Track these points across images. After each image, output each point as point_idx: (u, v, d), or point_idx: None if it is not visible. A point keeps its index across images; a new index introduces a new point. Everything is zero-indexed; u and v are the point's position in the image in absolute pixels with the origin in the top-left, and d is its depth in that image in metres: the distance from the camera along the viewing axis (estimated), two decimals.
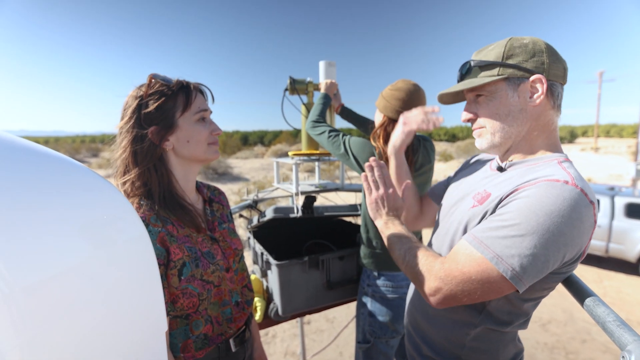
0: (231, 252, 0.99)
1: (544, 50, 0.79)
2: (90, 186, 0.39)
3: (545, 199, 0.67)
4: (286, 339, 3.63)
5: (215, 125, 0.95)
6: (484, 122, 0.86)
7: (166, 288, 0.81)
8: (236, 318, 0.97)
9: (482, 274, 0.70)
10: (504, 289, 0.70)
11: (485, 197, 0.81)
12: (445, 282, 0.74)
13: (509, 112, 0.81)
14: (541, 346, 3.56)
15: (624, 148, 34.14)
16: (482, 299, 0.73)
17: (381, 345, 1.53)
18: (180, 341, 0.86)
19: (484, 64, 0.82)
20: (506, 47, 0.80)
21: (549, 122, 0.82)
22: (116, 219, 0.40)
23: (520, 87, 0.80)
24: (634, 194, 5.57)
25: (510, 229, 0.69)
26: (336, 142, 1.50)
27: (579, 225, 0.67)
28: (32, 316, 0.31)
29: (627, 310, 4.40)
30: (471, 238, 0.74)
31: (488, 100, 0.83)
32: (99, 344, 0.38)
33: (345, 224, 2.19)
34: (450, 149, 25.32)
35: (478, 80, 0.82)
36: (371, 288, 1.53)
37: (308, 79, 1.91)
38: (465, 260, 0.72)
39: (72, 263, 0.36)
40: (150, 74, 0.87)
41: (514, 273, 0.67)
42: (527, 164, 0.81)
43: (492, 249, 0.69)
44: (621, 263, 5.77)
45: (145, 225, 0.80)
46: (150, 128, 0.85)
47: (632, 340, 0.59)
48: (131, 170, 0.86)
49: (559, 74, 0.80)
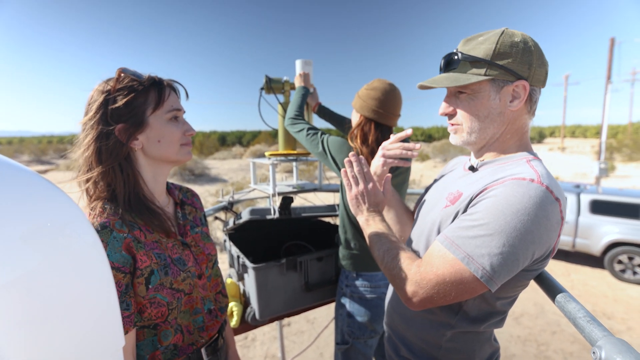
0: (204, 258, 0.95)
1: (533, 52, 0.76)
2: (27, 189, 0.34)
3: (512, 198, 0.68)
4: (266, 342, 3.57)
5: (189, 126, 0.89)
6: (461, 120, 0.84)
7: (133, 297, 0.76)
8: (208, 326, 0.92)
9: (455, 275, 0.70)
10: (476, 289, 0.70)
11: (457, 196, 0.82)
12: (421, 286, 0.73)
13: (488, 114, 0.80)
14: (514, 339, 3.68)
15: (588, 148, 36.06)
16: (457, 300, 0.73)
17: (360, 345, 1.53)
18: (148, 353, 0.81)
19: (473, 59, 0.78)
20: (498, 43, 0.75)
21: (523, 125, 0.83)
22: (62, 227, 0.36)
23: (503, 90, 0.78)
24: (598, 191, 5.86)
25: (479, 228, 0.69)
26: (314, 141, 1.48)
27: (546, 222, 0.67)
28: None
29: (593, 302, 4.63)
30: (443, 238, 0.74)
31: (470, 98, 0.81)
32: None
33: (323, 225, 2.17)
34: (426, 149, 25.86)
35: (464, 79, 0.78)
36: (349, 288, 1.52)
37: (284, 78, 1.88)
38: (439, 263, 0.72)
39: (9, 276, 0.32)
40: (120, 68, 0.81)
41: (484, 272, 0.67)
42: (497, 163, 0.82)
43: (463, 249, 0.69)
44: (587, 257, 6.07)
45: (109, 231, 0.75)
46: (118, 125, 0.79)
47: (602, 335, 0.60)
48: (94, 169, 0.80)
49: (541, 79, 0.79)
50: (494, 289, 0.69)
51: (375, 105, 1.42)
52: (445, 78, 0.81)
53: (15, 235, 0.33)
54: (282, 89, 1.87)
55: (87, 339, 0.37)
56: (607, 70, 13.74)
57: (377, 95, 1.42)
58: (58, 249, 0.36)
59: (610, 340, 0.57)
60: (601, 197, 5.64)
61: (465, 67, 0.80)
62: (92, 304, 0.38)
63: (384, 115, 1.43)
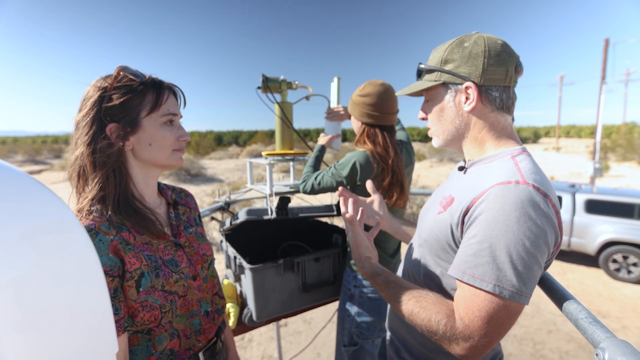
0: (199, 259, 0.93)
1: (482, 54, 0.78)
2: (15, 190, 0.33)
3: (507, 206, 0.67)
4: (263, 342, 3.55)
5: (184, 131, 0.87)
6: (430, 124, 0.90)
7: (123, 302, 0.74)
8: (205, 329, 0.90)
9: (497, 309, 0.67)
10: (518, 310, 0.67)
11: (450, 201, 0.82)
12: (476, 339, 0.69)
13: (447, 116, 0.85)
14: (510, 338, 3.69)
15: (582, 148, 36.37)
16: (508, 329, 0.69)
17: (368, 345, 1.53)
18: (142, 359, 0.79)
19: (428, 68, 0.85)
20: (446, 51, 0.82)
21: (494, 123, 0.82)
22: (52, 229, 0.35)
23: (456, 93, 0.82)
24: (593, 191, 5.90)
25: (489, 250, 0.67)
26: (331, 176, 1.48)
27: (545, 220, 0.67)
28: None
29: (589, 301, 4.66)
30: (461, 274, 0.71)
31: (431, 104, 0.88)
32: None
33: (321, 225, 2.16)
34: (423, 149, 25.94)
35: (419, 85, 0.87)
36: (358, 289, 1.52)
37: (281, 77, 1.86)
38: (477, 304, 0.68)
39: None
40: (119, 66, 0.79)
41: (520, 293, 0.66)
42: (484, 162, 0.83)
43: (489, 278, 0.67)
44: (582, 256, 6.12)
45: (95, 233, 0.73)
46: (110, 125, 0.77)
47: (605, 337, 0.59)
48: (88, 171, 0.77)
49: (498, 78, 0.79)
50: (528, 303, 0.68)
51: (372, 109, 1.47)
52: (407, 88, 0.90)
53: (3, 237, 0.31)
54: (279, 89, 1.86)
55: (80, 344, 0.36)
56: (601, 70, 13.86)
57: (373, 101, 1.47)
58: (49, 251, 0.34)
59: (613, 342, 0.57)
60: (596, 196, 5.68)
61: (425, 75, 0.87)
62: (85, 307, 0.37)
63: (383, 117, 1.48)
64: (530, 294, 0.67)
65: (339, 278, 1.69)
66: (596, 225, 5.52)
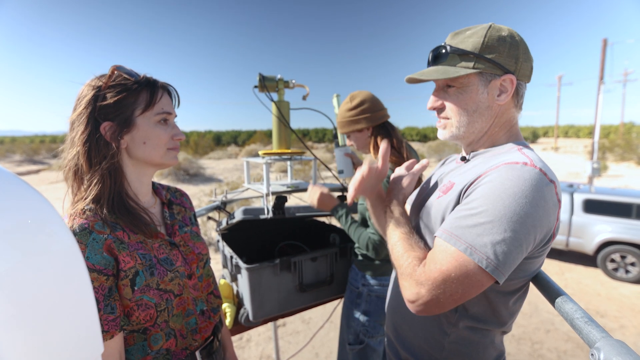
0: (194, 257, 0.92)
1: (520, 46, 0.77)
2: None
3: (508, 182, 0.66)
4: (261, 342, 3.54)
5: (178, 130, 0.87)
6: (450, 114, 0.83)
7: (118, 300, 0.74)
8: (201, 328, 0.90)
9: (459, 269, 0.66)
10: (483, 282, 0.66)
11: (450, 186, 0.81)
12: (425, 286, 0.69)
13: (476, 107, 0.80)
14: (508, 338, 3.69)
15: (581, 148, 36.46)
16: (464, 299, 0.68)
17: (374, 343, 1.54)
18: (138, 358, 0.78)
19: (461, 52, 0.78)
20: (486, 37, 0.76)
21: (511, 119, 0.83)
22: (35, 228, 0.34)
23: (491, 84, 0.78)
24: (591, 191, 5.91)
25: (478, 216, 0.67)
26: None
27: (544, 204, 0.66)
28: None
29: (586, 300, 4.66)
30: (441, 232, 0.71)
31: (459, 92, 0.80)
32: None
33: (318, 225, 2.15)
34: (422, 149, 25.97)
35: (452, 71, 0.78)
36: (366, 288, 1.53)
37: (278, 76, 1.85)
38: (442, 258, 0.68)
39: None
40: (114, 65, 0.79)
41: (489, 262, 0.64)
42: (489, 153, 0.82)
43: (464, 240, 0.66)
44: (580, 256, 6.12)
45: (88, 232, 0.72)
46: (104, 123, 0.77)
47: (600, 337, 0.58)
48: (84, 170, 0.77)
49: (527, 74, 0.80)
50: (502, 280, 0.66)
51: (376, 109, 1.53)
52: (435, 71, 0.80)
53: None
54: (275, 87, 1.85)
55: (63, 345, 0.35)
56: (599, 71, 13.89)
57: (371, 104, 1.53)
58: (30, 250, 0.33)
59: (609, 342, 0.56)
60: (594, 196, 5.68)
61: (453, 60, 0.79)
62: (67, 308, 0.36)
63: (385, 111, 1.56)
64: (502, 272, 0.65)
65: (336, 278, 1.69)
66: (594, 225, 5.52)
